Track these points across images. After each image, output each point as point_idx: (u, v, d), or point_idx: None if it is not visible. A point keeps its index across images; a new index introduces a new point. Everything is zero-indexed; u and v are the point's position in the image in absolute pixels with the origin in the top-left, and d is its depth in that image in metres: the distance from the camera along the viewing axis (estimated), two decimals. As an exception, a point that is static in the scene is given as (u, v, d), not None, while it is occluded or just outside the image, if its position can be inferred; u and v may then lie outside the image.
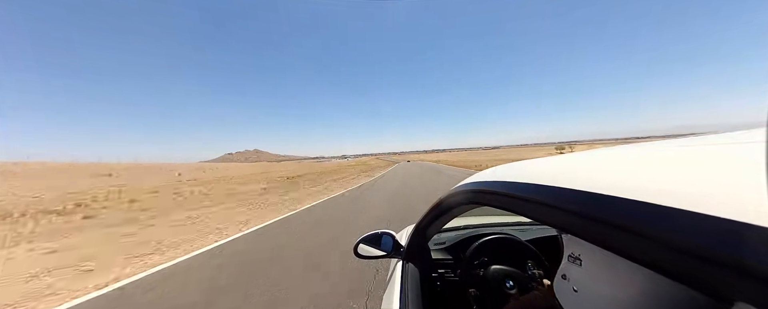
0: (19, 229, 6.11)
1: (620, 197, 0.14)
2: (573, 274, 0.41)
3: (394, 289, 0.92)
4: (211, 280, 3.09)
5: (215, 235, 5.34)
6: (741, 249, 0.07)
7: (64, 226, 6.53)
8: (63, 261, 4.03)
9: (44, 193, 12.81)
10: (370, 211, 6.91)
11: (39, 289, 3.08)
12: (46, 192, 13.29)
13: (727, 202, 0.07)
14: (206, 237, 5.19)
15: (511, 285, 0.87)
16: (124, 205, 9.88)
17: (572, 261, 0.41)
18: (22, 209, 8.54)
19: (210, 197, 11.82)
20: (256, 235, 5.17)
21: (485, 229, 1.40)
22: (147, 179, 21.41)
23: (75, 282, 3.26)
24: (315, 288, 2.70)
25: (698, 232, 0.07)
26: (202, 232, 5.57)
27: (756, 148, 0.10)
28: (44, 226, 6.52)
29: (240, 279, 3.04)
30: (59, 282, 3.28)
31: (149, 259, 4.00)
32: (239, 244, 4.65)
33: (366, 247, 1.14)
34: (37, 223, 6.89)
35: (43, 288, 3.10)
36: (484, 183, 0.46)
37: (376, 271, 2.93)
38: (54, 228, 6.34)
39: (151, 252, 4.32)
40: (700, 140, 0.21)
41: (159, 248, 4.52)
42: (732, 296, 0.07)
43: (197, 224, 6.47)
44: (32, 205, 9.58)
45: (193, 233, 5.53)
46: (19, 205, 9.49)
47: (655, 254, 0.09)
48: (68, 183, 17.54)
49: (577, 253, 0.40)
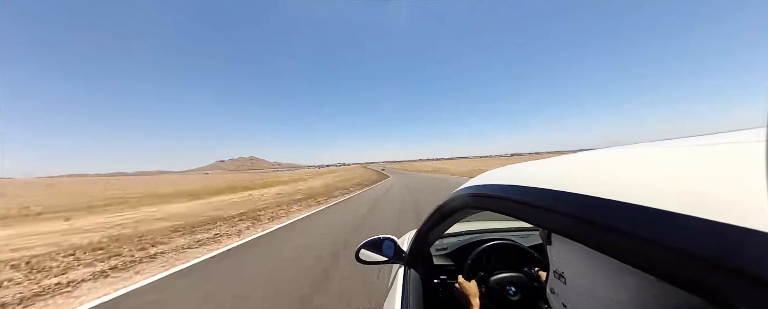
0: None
1: (620, 201, 0.13)
2: (560, 290, 0.40)
3: (395, 295, 0.91)
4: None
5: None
6: (742, 254, 0.07)
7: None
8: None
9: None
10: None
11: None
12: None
13: (727, 205, 0.07)
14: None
15: (514, 291, 0.86)
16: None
17: (557, 277, 0.40)
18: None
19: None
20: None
21: (487, 234, 1.39)
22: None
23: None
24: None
25: (698, 236, 0.07)
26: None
27: (756, 148, 0.10)
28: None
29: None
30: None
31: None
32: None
33: (367, 252, 1.15)
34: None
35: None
36: (484, 187, 0.45)
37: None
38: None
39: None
40: (700, 141, 0.20)
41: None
42: (733, 302, 0.07)
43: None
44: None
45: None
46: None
47: (655, 258, 0.09)
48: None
49: (561, 271, 0.39)
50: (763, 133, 0.13)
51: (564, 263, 0.38)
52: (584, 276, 0.32)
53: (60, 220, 9.59)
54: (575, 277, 0.35)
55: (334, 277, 3.19)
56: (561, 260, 0.40)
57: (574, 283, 0.35)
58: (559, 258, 0.40)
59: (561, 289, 0.39)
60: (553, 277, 0.43)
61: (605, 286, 0.28)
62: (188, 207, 11.89)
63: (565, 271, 0.38)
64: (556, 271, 0.41)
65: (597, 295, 0.29)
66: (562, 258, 0.39)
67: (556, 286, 0.41)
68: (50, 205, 15.54)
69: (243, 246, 5.03)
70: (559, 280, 0.39)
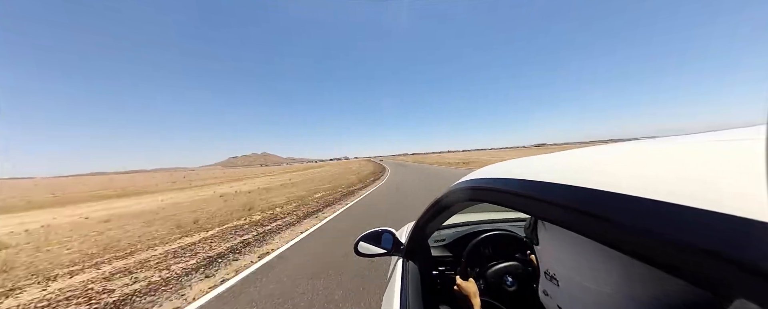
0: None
1: (617, 193, 0.13)
2: (553, 292, 0.39)
3: (394, 287, 0.92)
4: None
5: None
6: (741, 245, 0.07)
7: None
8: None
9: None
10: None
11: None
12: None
13: (726, 197, 0.07)
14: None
15: (511, 281, 0.87)
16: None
17: (549, 279, 0.39)
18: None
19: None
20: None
21: (484, 225, 1.40)
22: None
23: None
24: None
25: (698, 227, 0.07)
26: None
27: (756, 145, 0.10)
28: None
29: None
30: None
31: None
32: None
33: (366, 244, 1.16)
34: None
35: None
36: (482, 180, 0.46)
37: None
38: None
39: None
40: (698, 138, 0.21)
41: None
42: (732, 293, 0.07)
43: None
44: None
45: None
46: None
47: (653, 250, 0.09)
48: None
49: (552, 272, 0.38)
50: (764, 131, 0.13)
51: (553, 262, 0.38)
52: (575, 272, 0.32)
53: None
54: (567, 276, 0.34)
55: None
56: (550, 260, 0.39)
57: (567, 282, 0.34)
58: (548, 258, 0.40)
59: (554, 291, 0.38)
60: (544, 278, 0.42)
61: (597, 279, 0.28)
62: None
63: (556, 272, 0.37)
64: (547, 272, 0.40)
65: (589, 289, 0.29)
66: (551, 257, 0.39)
67: (548, 288, 0.40)
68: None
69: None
70: (551, 282, 0.38)
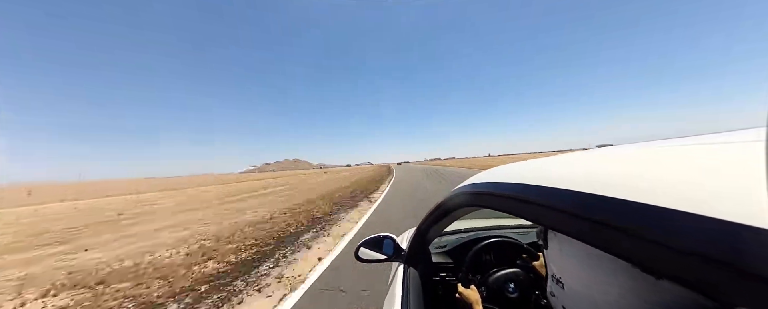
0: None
1: (620, 198, 0.13)
2: (559, 294, 0.39)
3: (395, 294, 0.91)
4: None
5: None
6: (743, 251, 0.07)
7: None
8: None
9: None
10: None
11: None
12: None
13: (728, 203, 0.07)
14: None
15: (513, 288, 0.86)
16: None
17: (555, 282, 0.39)
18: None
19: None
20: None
21: (486, 232, 1.36)
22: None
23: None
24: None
25: (700, 233, 0.07)
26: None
27: (756, 147, 0.10)
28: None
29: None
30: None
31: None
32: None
33: (367, 250, 1.16)
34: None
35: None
36: (483, 184, 0.45)
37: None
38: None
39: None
40: (699, 140, 0.20)
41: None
42: (733, 300, 0.07)
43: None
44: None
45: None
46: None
47: (656, 256, 0.08)
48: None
49: (558, 276, 0.38)
50: (763, 132, 0.13)
51: (561, 268, 0.38)
52: (581, 280, 0.32)
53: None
54: (572, 282, 0.34)
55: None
56: (557, 265, 0.39)
57: (572, 288, 0.35)
58: (556, 262, 0.40)
59: (560, 293, 0.39)
60: (551, 281, 0.42)
61: (601, 290, 0.27)
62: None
63: (562, 276, 0.37)
64: (554, 275, 0.40)
65: (594, 299, 0.29)
66: (559, 262, 0.38)
67: (555, 290, 0.41)
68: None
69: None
70: (558, 285, 0.39)
